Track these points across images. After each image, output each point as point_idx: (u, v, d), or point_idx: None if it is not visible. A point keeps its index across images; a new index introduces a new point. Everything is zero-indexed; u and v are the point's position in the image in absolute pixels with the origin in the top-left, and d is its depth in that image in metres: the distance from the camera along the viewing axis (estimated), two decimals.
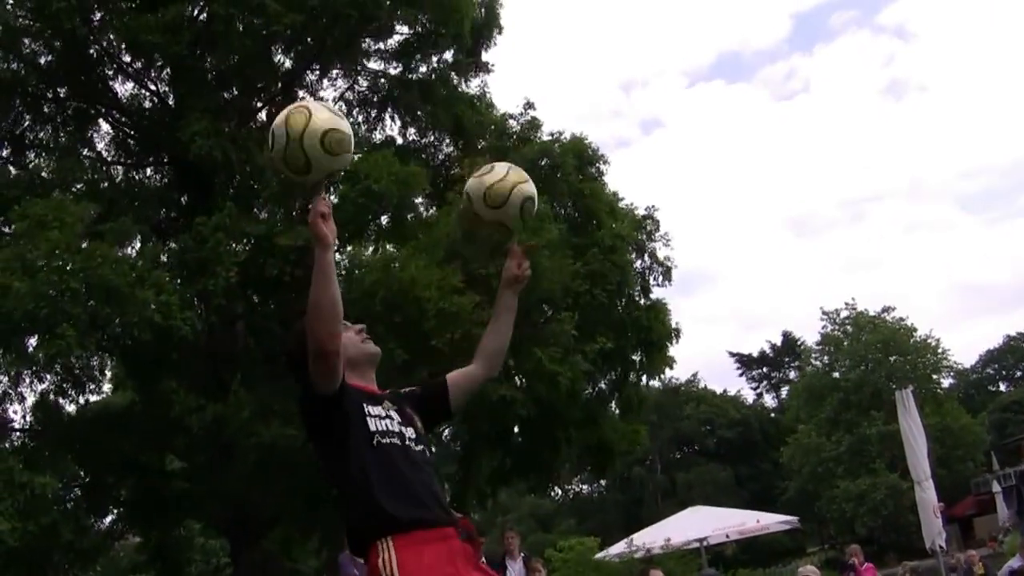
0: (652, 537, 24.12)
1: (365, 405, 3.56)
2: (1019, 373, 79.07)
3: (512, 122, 20.67)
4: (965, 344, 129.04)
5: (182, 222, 18.69)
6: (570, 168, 18.94)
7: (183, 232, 17.21)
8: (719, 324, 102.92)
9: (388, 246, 18.13)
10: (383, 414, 3.59)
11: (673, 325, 19.86)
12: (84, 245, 15.03)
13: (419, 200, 18.81)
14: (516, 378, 17.09)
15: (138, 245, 17.81)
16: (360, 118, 20.55)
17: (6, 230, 17.00)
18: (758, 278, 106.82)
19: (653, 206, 19.92)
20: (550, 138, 19.74)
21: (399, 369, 15.45)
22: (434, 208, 20.10)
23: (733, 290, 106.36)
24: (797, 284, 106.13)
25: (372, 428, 3.51)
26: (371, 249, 18.33)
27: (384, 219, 17.94)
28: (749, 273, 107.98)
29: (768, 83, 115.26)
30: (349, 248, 17.70)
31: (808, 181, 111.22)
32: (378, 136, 20.63)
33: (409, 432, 3.62)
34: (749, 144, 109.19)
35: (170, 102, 19.12)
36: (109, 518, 20.08)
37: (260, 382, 17.17)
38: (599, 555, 23.51)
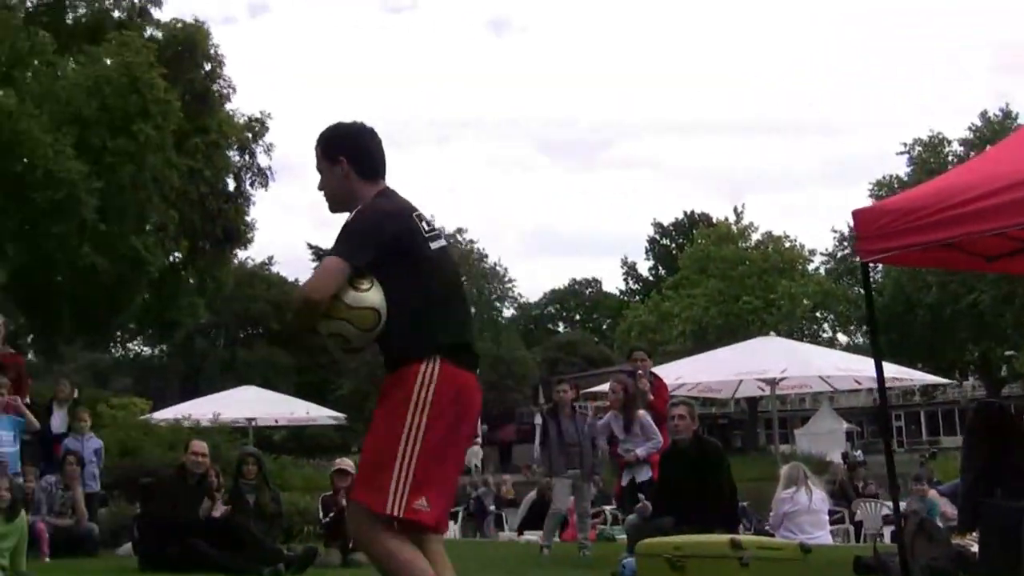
0: (204, 409, 24.88)
1: None
2: (577, 316, 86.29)
3: None
4: (532, 280, 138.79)
5: None
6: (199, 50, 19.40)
7: None
8: (299, 214, 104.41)
9: None
10: None
11: (249, 218, 20.89)
12: None
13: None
14: None
15: None
16: None
17: None
18: None
19: (267, 112, 20.85)
20: (171, 22, 20.14)
21: None
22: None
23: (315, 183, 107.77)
24: None
25: None
26: None
27: None
28: None
29: None
30: None
31: (401, 96, 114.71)
32: None
33: None
34: (354, 48, 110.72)
35: None
36: None
37: None
38: (147, 416, 24.12)
